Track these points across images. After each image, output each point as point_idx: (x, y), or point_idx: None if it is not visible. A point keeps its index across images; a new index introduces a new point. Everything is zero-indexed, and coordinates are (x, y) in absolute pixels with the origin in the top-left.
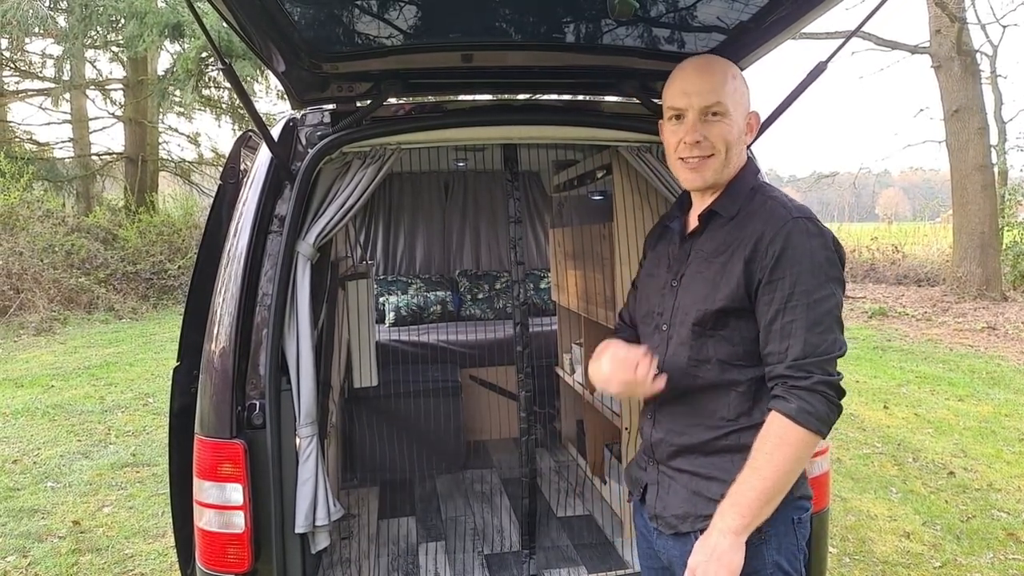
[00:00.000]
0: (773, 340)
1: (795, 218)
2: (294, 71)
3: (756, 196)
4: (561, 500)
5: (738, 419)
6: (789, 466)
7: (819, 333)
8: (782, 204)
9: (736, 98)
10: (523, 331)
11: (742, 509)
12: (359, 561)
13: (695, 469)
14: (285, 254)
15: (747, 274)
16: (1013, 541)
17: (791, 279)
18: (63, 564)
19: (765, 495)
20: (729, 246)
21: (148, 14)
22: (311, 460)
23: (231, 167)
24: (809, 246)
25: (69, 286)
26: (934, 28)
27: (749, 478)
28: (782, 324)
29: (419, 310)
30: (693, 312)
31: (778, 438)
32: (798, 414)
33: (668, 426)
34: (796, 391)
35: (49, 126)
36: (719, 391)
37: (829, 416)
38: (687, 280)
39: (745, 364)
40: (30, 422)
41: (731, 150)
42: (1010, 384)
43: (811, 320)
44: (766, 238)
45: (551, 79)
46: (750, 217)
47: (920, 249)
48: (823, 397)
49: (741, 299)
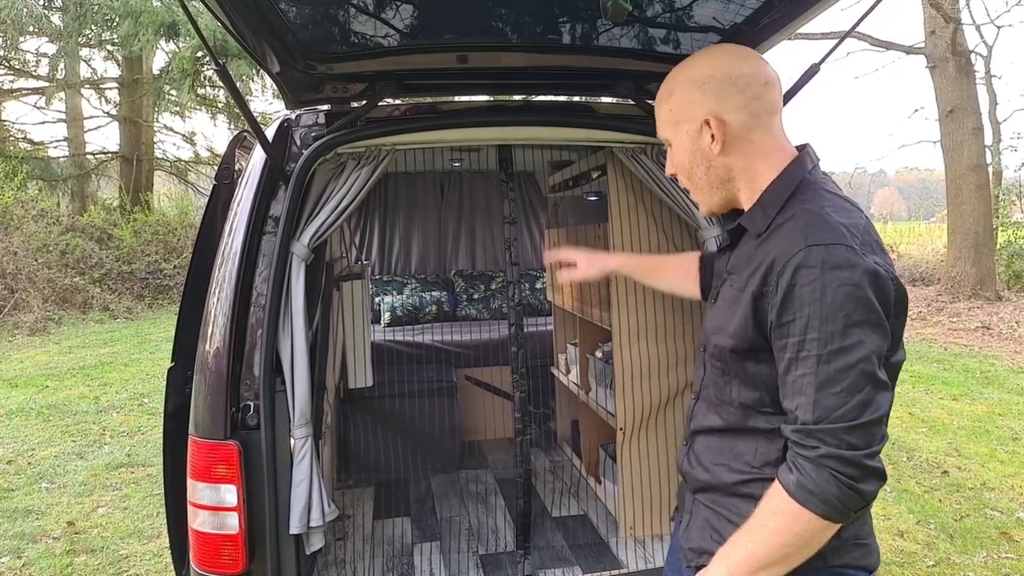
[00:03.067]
0: (786, 396)
1: (809, 246)
2: (289, 72)
3: (793, 204)
4: (556, 500)
5: (763, 468)
6: (783, 540)
7: (835, 394)
8: (805, 223)
9: (674, 118)
10: (518, 331)
11: (731, 566)
12: (354, 562)
13: (718, 508)
14: (279, 255)
15: (756, 311)
16: (1006, 540)
17: (800, 324)
18: (58, 565)
19: (756, 561)
20: (749, 268)
21: (143, 13)
22: (306, 461)
23: (226, 167)
24: (823, 282)
25: (64, 286)
26: (929, 29)
27: (743, 536)
28: (793, 378)
29: (415, 310)
30: (711, 343)
31: (775, 507)
32: (796, 490)
33: (698, 459)
34: (800, 462)
35: (44, 125)
36: (746, 435)
37: (841, 500)
38: (717, 301)
39: (772, 412)
40: (24, 422)
41: (693, 175)
42: (1004, 383)
43: (824, 376)
44: (776, 269)
45: (546, 80)
46: (775, 233)
47: (915, 249)
48: (832, 476)
49: (752, 339)
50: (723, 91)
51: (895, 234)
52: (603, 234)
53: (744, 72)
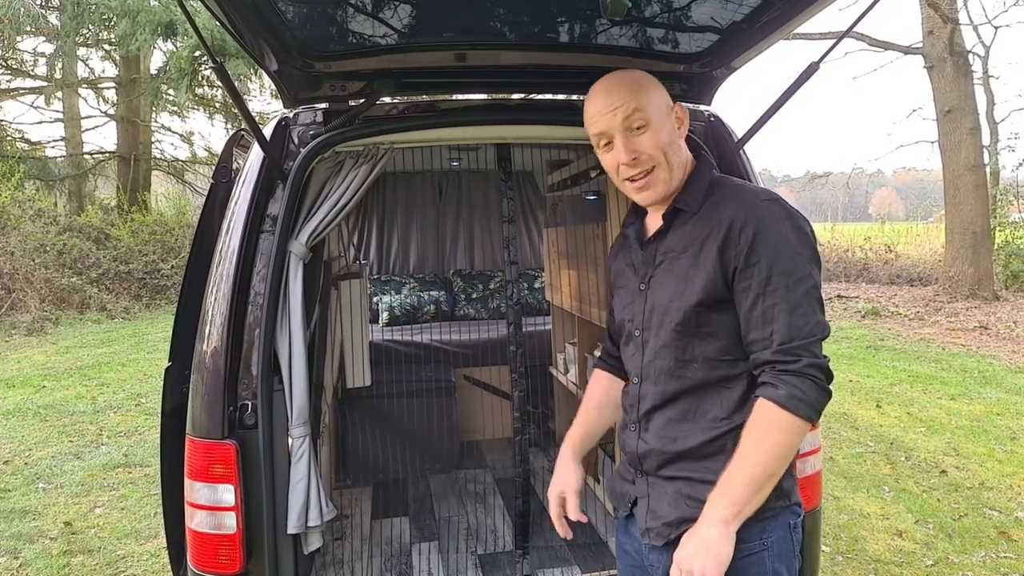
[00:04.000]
0: (755, 327)
1: (763, 201)
2: (286, 70)
3: (718, 187)
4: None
5: (732, 416)
6: (779, 452)
7: (802, 315)
8: (749, 190)
9: (653, 100)
10: (517, 331)
11: (732, 498)
12: (352, 562)
13: (688, 474)
14: (277, 253)
15: (722, 262)
16: (1005, 539)
17: (767, 262)
18: (55, 565)
19: (755, 483)
20: (697, 238)
21: (141, 12)
22: (304, 461)
23: (223, 166)
24: (782, 228)
25: (61, 286)
26: (927, 29)
27: (739, 466)
28: (763, 309)
29: (413, 310)
30: (672, 311)
31: (768, 424)
32: (787, 400)
33: (659, 434)
34: (784, 376)
35: (41, 124)
36: (709, 390)
37: (819, 400)
38: (656, 281)
39: (734, 358)
40: (21, 423)
41: (669, 154)
42: (1002, 383)
43: (793, 302)
44: (737, 223)
45: (545, 79)
46: (717, 206)
47: (913, 249)
48: (812, 381)
49: (719, 289)
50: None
51: (893, 234)
52: (602, 234)
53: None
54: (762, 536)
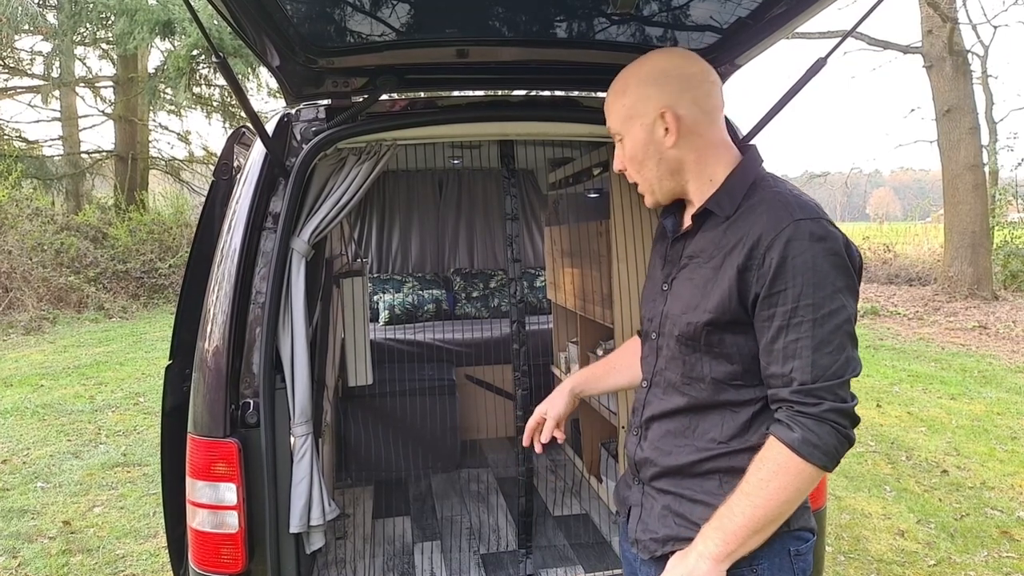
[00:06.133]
0: (775, 361)
1: (797, 220)
2: (289, 65)
3: (757, 191)
4: (557, 500)
5: (730, 442)
6: (784, 497)
7: (829, 353)
8: (783, 203)
9: (628, 113)
10: (520, 328)
11: (727, 536)
12: (354, 561)
13: (679, 491)
14: (280, 251)
15: (741, 284)
16: (1007, 539)
17: (794, 292)
18: (54, 565)
19: (754, 525)
20: (723, 248)
21: (138, 11)
22: (306, 459)
23: (224, 163)
24: (813, 252)
25: (58, 285)
26: (926, 28)
27: (739, 503)
28: (785, 343)
29: (413, 309)
30: (682, 324)
31: (776, 467)
32: (801, 445)
33: (655, 444)
34: (801, 419)
35: (38, 123)
36: (713, 411)
37: (838, 449)
38: (677, 285)
39: (744, 384)
40: (19, 422)
41: (645, 163)
42: (1002, 383)
43: (819, 338)
44: (763, 244)
45: (548, 75)
46: (747, 216)
47: (911, 249)
48: (832, 427)
49: (734, 311)
50: (677, 87)
51: (891, 234)
52: (605, 231)
53: (695, 71)
54: (752, 563)
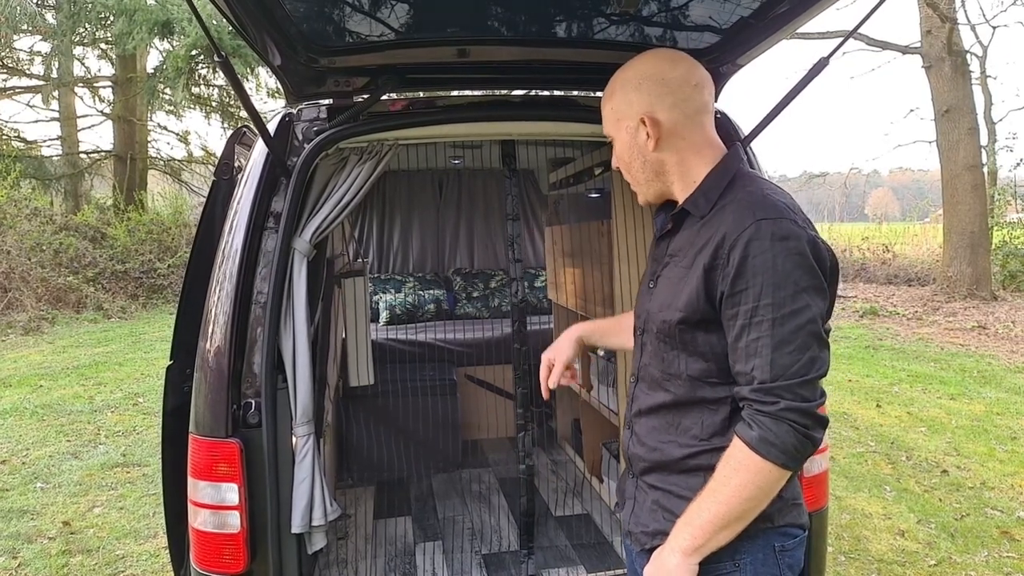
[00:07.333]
0: (739, 360)
1: (759, 220)
2: (290, 65)
3: (731, 190)
4: (559, 500)
5: (711, 439)
6: (746, 494)
7: (789, 353)
8: (749, 203)
9: (615, 116)
10: (521, 328)
11: (694, 530)
12: (355, 561)
13: (667, 486)
14: (281, 250)
15: (708, 283)
16: (1007, 539)
17: (755, 291)
18: (53, 565)
19: (720, 520)
20: (694, 248)
21: (137, 11)
22: (308, 459)
23: (225, 163)
24: (774, 252)
25: (57, 285)
26: (925, 28)
27: (706, 500)
28: (747, 342)
29: (413, 309)
30: (657, 321)
31: (737, 464)
32: (759, 444)
33: (643, 439)
34: (760, 417)
35: (37, 123)
36: (692, 408)
37: (797, 448)
38: (660, 282)
39: (718, 382)
40: (19, 422)
41: (632, 164)
42: (1001, 383)
43: (779, 338)
44: (727, 243)
45: (549, 74)
46: (718, 215)
47: (910, 249)
48: (791, 427)
49: (703, 310)
50: (656, 92)
51: (890, 234)
52: (607, 231)
53: (675, 75)
54: (734, 557)
